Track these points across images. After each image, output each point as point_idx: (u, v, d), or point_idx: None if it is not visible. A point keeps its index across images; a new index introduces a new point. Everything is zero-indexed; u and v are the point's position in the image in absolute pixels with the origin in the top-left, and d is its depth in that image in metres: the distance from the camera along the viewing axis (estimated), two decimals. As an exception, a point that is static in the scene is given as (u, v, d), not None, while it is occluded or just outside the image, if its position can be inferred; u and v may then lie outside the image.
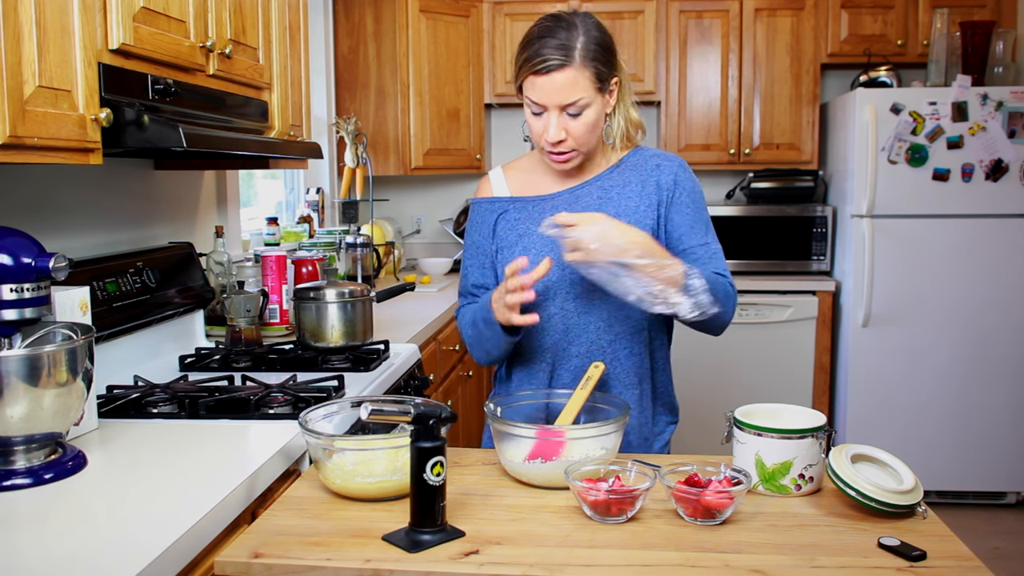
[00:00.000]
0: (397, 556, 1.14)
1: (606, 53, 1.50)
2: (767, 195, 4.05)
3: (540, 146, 1.56)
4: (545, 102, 1.49)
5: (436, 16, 3.90)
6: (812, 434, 1.34)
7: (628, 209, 1.60)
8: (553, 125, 1.50)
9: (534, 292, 1.46)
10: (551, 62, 1.46)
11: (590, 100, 1.49)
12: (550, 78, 1.47)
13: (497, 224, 1.65)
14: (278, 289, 2.57)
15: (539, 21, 1.53)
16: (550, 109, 1.49)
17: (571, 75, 1.46)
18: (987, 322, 3.67)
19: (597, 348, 1.59)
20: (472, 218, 1.72)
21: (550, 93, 1.48)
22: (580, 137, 1.52)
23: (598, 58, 1.48)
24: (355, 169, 3.66)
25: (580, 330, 1.59)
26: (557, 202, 1.62)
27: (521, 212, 1.64)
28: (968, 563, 1.12)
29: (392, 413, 1.25)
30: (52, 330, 1.43)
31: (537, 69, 1.47)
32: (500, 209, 1.66)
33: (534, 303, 1.54)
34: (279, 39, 2.25)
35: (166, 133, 1.53)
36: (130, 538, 1.13)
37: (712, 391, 3.84)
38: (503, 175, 1.69)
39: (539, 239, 1.60)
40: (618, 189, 1.62)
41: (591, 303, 1.57)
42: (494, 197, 1.68)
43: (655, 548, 1.16)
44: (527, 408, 1.55)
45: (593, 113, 1.51)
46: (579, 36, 1.47)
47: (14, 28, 1.26)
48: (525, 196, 1.65)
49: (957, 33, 3.73)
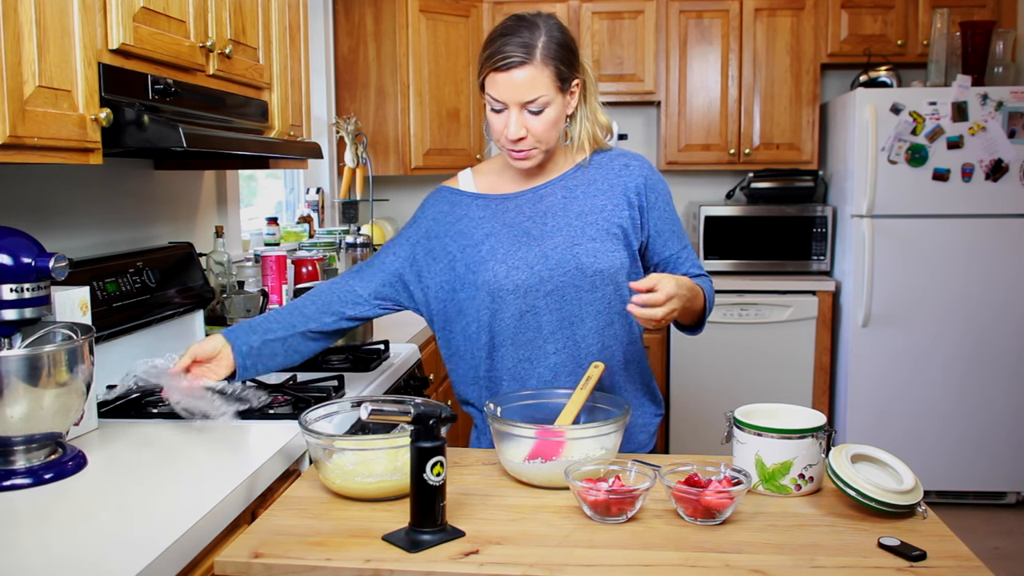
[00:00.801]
0: (397, 556, 1.14)
1: (567, 53, 1.53)
2: (767, 195, 4.05)
3: (500, 144, 1.58)
4: (505, 99, 1.51)
5: (436, 16, 3.90)
6: (812, 434, 1.34)
7: (595, 207, 1.61)
8: (513, 122, 1.52)
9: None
10: (512, 59, 1.49)
11: (550, 99, 1.52)
12: (510, 75, 1.49)
13: (458, 223, 1.65)
14: (278, 289, 2.57)
15: (503, 21, 1.56)
16: (510, 106, 1.52)
17: (531, 72, 1.49)
18: (987, 322, 3.67)
19: (572, 343, 1.60)
20: (426, 201, 1.71)
21: (510, 90, 1.50)
22: (540, 135, 1.54)
23: (559, 57, 1.51)
24: (355, 169, 3.66)
25: (554, 327, 1.59)
26: (521, 200, 1.64)
27: (484, 210, 1.65)
28: (968, 563, 1.12)
29: (392, 413, 1.25)
30: (52, 330, 1.43)
31: (498, 66, 1.50)
32: (462, 203, 1.66)
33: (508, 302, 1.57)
34: (279, 39, 2.25)
35: (166, 133, 1.53)
36: (130, 538, 1.13)
37: (712, 391, 3.84)
38: (471, 176, 1.72)
39: (505, 237, 1.60)
40: (583, 188, 1.63)
41: (563, 299, 1.58)
42: (459, 189, 1.70)
43: (655, 548, 1.16)
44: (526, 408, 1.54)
45: (553, 112, 1.53)
46: (541, 35, 1.50)
47: (14, 28, 1.26)
48: (489, 194, 1.67)
49: (957, 33, 3.74)
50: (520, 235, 1.60)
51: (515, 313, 1.58)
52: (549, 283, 1.58)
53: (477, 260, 1.60)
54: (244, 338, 1.60)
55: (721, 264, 4.00)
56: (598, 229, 1.60)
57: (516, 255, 1.59)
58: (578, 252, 1.58)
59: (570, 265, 1.57)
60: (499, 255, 1.59)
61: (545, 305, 1.59)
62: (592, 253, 1.58)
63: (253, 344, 1.60)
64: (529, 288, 1.58)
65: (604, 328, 1.61)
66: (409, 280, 1.66)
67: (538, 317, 1.59)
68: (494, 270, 1.58)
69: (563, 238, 1.59)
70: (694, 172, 4.37)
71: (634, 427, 1.69)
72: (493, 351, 1.62)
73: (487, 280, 1.58)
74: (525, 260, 1.58)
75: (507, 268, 1.58)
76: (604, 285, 1.59)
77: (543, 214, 1.62)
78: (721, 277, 3.92)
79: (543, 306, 1.59)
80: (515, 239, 1.60)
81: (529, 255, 1.58)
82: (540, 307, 1.59)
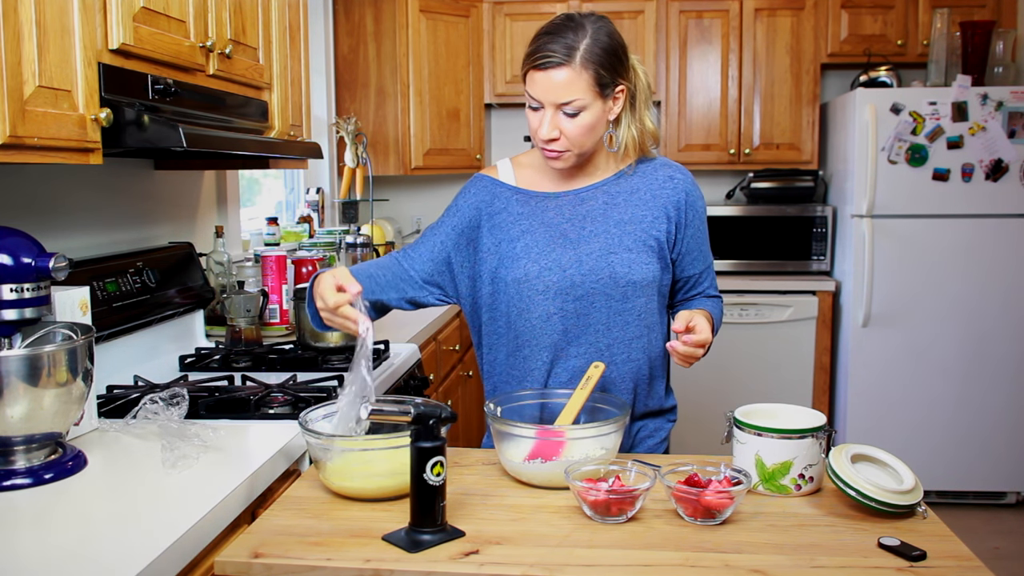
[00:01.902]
0: (397, 556, 1.14)
1: (611, 59, 1.50)
2: (767, 195, 4.05)
3: (535, 141, 1.57)
4: (540, 98, 1.50)
5: (436, 16, 3.90)
6: (812, 434, 1.34)
7: (635, 217, 1.60)
8: (547, 122, 1.51)
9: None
10: (551, 59, 1.47)
11: (587, 103, 1.49)
12: (547, 75, 1.48)
13: (496, 216, 1.63)
14: (278, 289, 2.57)
15: (553, 18, 1.54)
16: (546, 106, 1.50)
17: (568, 75, 1.47)
18: (987, 322, 3.67)
19: (595, 350, 1.59)
20: (468, 188, 1.68)
21: (546, 89, 1.49)
22: (574, 138, 1.52)
23: (600, 62, 1.48)
24: (355, 169, 3.66)
25: (579, 331, 1.59)
26: (561, 201, 1.62)
27: (524, 206, 1.63)
28: (968, 563, 1.12)
29: (392, 413, 1.25)
30: (52, 330, 1.43)
31: (536, 64, 1.49)
32: (503, 196, 1.64)
33: (536, 302, 1.56)
34: (279, 39, 2.25)
35: (166, 133, 1.53)
36: (130, 538, 1.13)
37: (712, 391, 3.84)
38: (511, 166, 1.69)
39: (541, 236, 1.59)
40: (625, 196, 1.62)
41: (592, 305, 1.57)
42: (499, 180, 1.67)
43: (655, 548, 1.16)
44: (527, 408, 1.55)
45: (590, 116, 1.51)
46: (584, 39, 1.48)
47: (14, 28, 1.26)
48: (529, 190, 1.65)
49: (957, 33, 3.73)
50: (557, 236, 1.59)
51: (542, 314, 1.57)
52: (580, 288, 1.57)
53: (511, 256, 1.59)
54: (367, 287, 1.56)
55: (721, 264, 4.00)
56: (635, 240, 1.58)
57: (550, 256, 1.57)
58: (613, 261, 1.56)
59: (604, 273, 1.56)
60: (533, 254, 1.58)
61: (573, 309, 1.57)
62: (627, 263, 1.57)
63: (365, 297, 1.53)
64: (559, 291, 1.57)
65: (632, 340, 1.60)
66: (455, 266, 1.65)
67: (565, 320, 1.58)
68: (526, 268, 1.57)
69: (600, 244, 1.58)
70: (694, 172, 4.31)
71: (649, 437, 1.68)
72: (517, 349, 1.61)
73: (517, 278, 1.57)
74: (559, 262, 1.57)
75: (539, 268, 1.57)
76: (635, 296, 1.58)
77: (582, 218, 1.60)
78: (721, 277, 3.92)
79: (571, 310, 1.57)
80: (551, 240, 1.58)
81: (563, 258, 1.57)
82: (568, 311, 1.58)
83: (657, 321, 1.62)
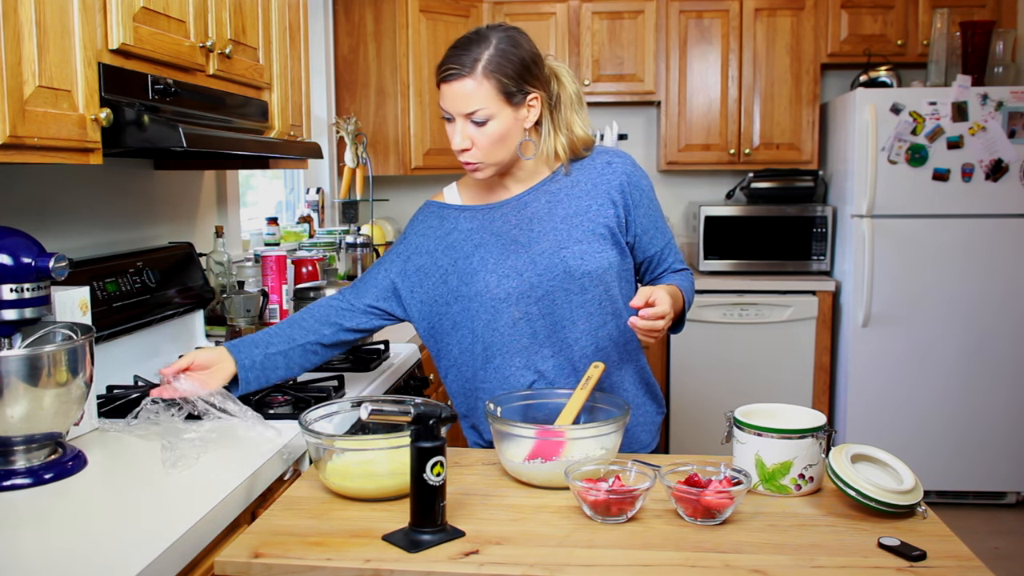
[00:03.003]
0: (397, 556, 1.14)
1: (516, 68, 1.52)
2: (767, 195, 4.05)
3: (456, 154, 1.60)
4: (449, 109, 1.55)
5: (436, 16, 3.90)
6: (812, 434, 1.34)
7: (580, 209, 1.62)
8: (458, 133, 1.55)
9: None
10: (453, 72, 1.52)
11: (493, 111, 1.52)
12: (451, 87, 1.53)
13: (448, 236, 1.66)
14: (278, 289, 2.57)
15: (466, 33, 1.58)
16: (456, 117, 1.54)
17: (469, 85, 1.51)
18: (987, 322, 3.67)
19: (565, 346, 1.60)
20: (416, 216, 1.73)
21: (453, 100, 1.53)
22: (485, 147, 1.54)
23: (503, 72, 1.51)
24: (355, 169, 3.66)
25: (548, 331, 1.60)
26: (506, 210, 1.64)
27: (472, 222, 1.65)
28: (968, 563, 1.12)
29: (392, 413, 1.25)
30: (52, 330, 1.43)
31: (443, 77, 1.54)
32: (451, 217, 1.67)
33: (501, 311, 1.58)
34: (279, 39, 2.25)
35: (166, 133, 1.53)
36: (130, 538, 1.13)
37: (712, 391, 3.84)
38: (456, 188, 1.73)
39: (494, 246, 1.61)
40: (567, 191, 1.63)
41: (554, 303, 1.59)
42: (446, 203, 1.71)
43: (655, 548, 1.16)
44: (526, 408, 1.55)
45: (498, 125, 1.53)
46: (487, 50, 1.51)
47: (14, 28, 1.26)
48: (475, 205, 1.68)
49: (957, 33, 3.73)
50: (508, 243, 1.61)
51: (509, 321, 1.59)
52: (539, 288, 1.58)
53: (469, 272, 1.61)
54: (246, 352, 1.61)
55: (721, 264, 4.01)
56: (584, 231, 1.60)
57: (505, 263, 1.59)
58: (565, 255, 1.58)
59: (558, 269, 1.58)
60: (489, 265, 1.60)
61: (538, 311, 1.59)
62: (579, 255, 1.58)
63: (256, 358, 1.61)
64: (521, 295, 1.59)
65: (597, 329, 1.61)
66: (403, 293, 1.67)
67: (532, 323, 1.59)
68: (486, 280, 1.59)
69: (549, 243, 1.60)
70: (694, 172, 4.37)
71: (636, 426, 1.69)
72: (488, 361, 1.62)
73: (480, 291, 1.59)
74: (514, 268, 1.59)
75: (498, 277, 1.59)
76: (593, 287, 1.59)
77: (529, 220, 1.62)
78: (721, 277, 3.93)
79: (536, 312, 1.59)
80: (504, 248, 1.61)
81: (518, 262, 1.59)
82: (533, 313, 1.59)
83: (623, 307, 1.63)
